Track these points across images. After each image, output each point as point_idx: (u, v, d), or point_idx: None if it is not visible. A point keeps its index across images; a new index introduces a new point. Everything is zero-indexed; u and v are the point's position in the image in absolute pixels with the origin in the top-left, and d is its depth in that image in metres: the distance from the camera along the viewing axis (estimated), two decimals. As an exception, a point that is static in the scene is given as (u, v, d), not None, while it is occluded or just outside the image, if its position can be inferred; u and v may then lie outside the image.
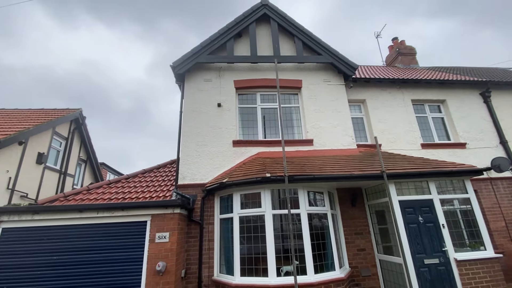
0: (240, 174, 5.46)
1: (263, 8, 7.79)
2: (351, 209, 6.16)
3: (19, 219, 4.69)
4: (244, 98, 7.33)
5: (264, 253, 4.94)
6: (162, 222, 4.86)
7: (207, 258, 5.58)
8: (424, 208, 5.34)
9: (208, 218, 5.88)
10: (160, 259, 4.62)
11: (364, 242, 5.96)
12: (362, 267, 5.77)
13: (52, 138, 9.52)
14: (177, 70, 6.86)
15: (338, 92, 7.36)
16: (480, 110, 8.20)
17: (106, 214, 4.80)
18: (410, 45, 12.14)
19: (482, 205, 6.89)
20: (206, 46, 7.16)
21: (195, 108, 6.85)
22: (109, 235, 4.77)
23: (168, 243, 4.73)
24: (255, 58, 7.29)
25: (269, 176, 4.95)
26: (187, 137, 6.56)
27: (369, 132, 7.74)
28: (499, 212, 6.97)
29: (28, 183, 8.33)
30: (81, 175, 11.62)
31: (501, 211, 6.99)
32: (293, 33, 7.66)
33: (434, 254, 5.04)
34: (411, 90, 8.20)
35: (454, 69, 10.36)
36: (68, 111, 10.36)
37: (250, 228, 5.25)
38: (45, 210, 4.70)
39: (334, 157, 6.28)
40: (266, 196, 5.22)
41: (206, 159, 6.40)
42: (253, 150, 6.58)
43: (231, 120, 6.81)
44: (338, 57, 7.34)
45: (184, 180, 6.17)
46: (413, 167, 5.51)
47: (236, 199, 5.45)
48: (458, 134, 7.84)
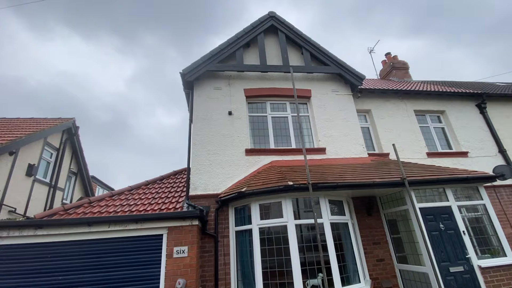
0: (258, 183, 5.26)
1: (271, 19, 7.91)
2: (367, 218, 6.06)
3: (20, 234, 4.19)
4: (254, 107, 7.24)
5: (287, 266, 4.68)
6: (179, 235, 4.52)
7: (223, 274, 5.22)
8: (444, 215, 5.34)
9: (222, 231, 5.56)
10: (179, 276, 4.25)
11: (383, 252, 5.83)
12: (383, 278, 5.60)
13: (43, 149, 8.92)
14: (187, 78, 6.71)
15: (346, 102, 7.45)
16: (477, 120, 8.56)
17: (118, 228, 4.40)
18: (403, 60, 12.73)
19: (489, 212, 7.02)
20: (216, 55, 7.10)
21: (205, 116, 6.66)
22: (121, 251, 4.35)
23: (187, 258, 4.38)
24: (265, 67, 7.29)
25: (291, 184, 4.78)
26: (198, 146, 6.31)
27: (376, 141, 7.82)
28: (505, 219, 7.11)
29: (16, 197, 7.66)
30: (71, 189, 10.87)
31: (507, 218, 7.14)
32: (300, 44, 7.78)
33: (458, 262, 4.99)
34: (413, 101, 8.47)
35: (447, 83, 10.90)
36: (60, 121, 9.82)
37: (270, 240, 4.99)
38: (49, 225, 4.24)
39: (349, 165, 6.23)
40: (287, 205, 5.02)
41: (218, 169, 6.15)
42: (266, 159, 6.42)
43: (243, 129, 6.67)
44: (345, 67, 7.50)
45: (196, 191, 5.86)
46: (430, 174, 5.55)
47: (255, 210, 5.20)
48: (459, 143, 8.10)
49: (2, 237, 4.20)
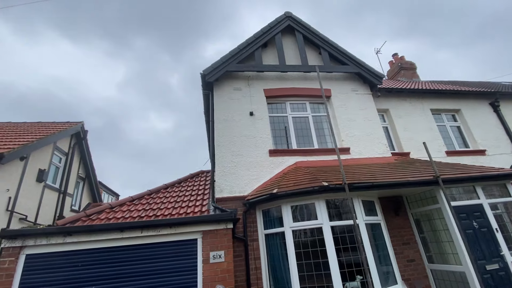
0: (289, 184, 5.13)
1: (287, 20, 7.86)
2: (395, 218, 5.98)
3: (48, 242, 3.98)
4: (274, 107, 7.14)
5: (324, 269, 4.55)
6: (215, 239, 4.36)
7: (255, 279, 5.05)
8: (476, 213, 5.28)
9: (251, 234, 5.40)
10: (216, 282, 4.08)
11: (413, 253, 5.74)
12: (414, 278, 5.50)
13: (53, 154, 8.66)
14: (208, 78, 6.58)
15: (366, 101, 7.41)
16: (492, 119, 8.61)
17: (151, 233, 4.22)
18: (410, 60, 12.81)
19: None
20: (235, 55, 6.99)
21: (227, 117, 6.53)
22: (155, 257, 4.16)
23: (224, 263, 4.21)
24: (284, 67, 7.22)
25: (327, 185, 4.67)
26: (221, 147, 6.17)
27: (395, 140, 7.79)
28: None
29: (27, 204, 7.40)
30: (79, 195, 10.57)
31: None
32: (318, 44, 7.74)
33: (493, 260, 4.93)
34: (429, 100, 8.48)
35: (458, 82, 10.99)
36: (69, 125, 9.57)
37: (304, 243, 4.86)
38: (80, 231, 4.04)
39: (375, 165, 6.16)
40: (321, 206, 4.91)
41: (243, 170, 6.01)
42: (290, 160, 6.31)
43: (265, 129, 6.55)
44: (364, 67, 7.47)
45: (222, 193, 5.70)
46: (461, 172, 5.51)
47: (287, 212, 5.07)
48: (476, 141, 8.12)
49: (28, 246, 3.98)
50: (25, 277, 3.85)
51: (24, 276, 3.84)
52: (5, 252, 3.89)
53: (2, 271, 3.79)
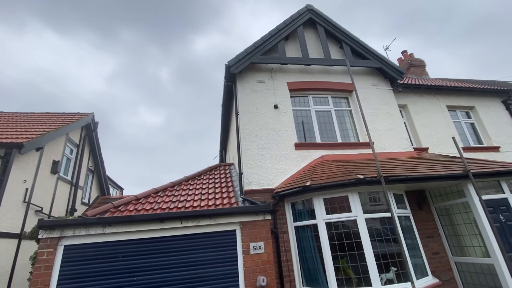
0: (322, 176, 5.13)
1: (308, 12, 7.79)
2: (418, 212, 6.05)
3: (87, 233, 3.88)
4: (297, 101, 7.10)
5: (359, 261, 4.59)
6: (253, 230, 4.33)
7: (286, 270, 5.06)
8: (502, 207, 5.39)
9: (281, 227, 5.40)
10: (258, 273, 4.06)
11: (437, 245, 5.83)
12: (439, 271, 5.60)
13: (66, 145, 8.45)
14: (233, 70, 6.49)
15: (387, 96, 7.44)
16: (504, 116, 8.78)
17: (190, 224, 4.16)
18: (419, 58, 12.92)
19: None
20: (259, 47, 6.90)
21: (252, 110, 6.47)
22: (194, 248, 4.11)
23: (264, 254, 4.20)
24: (308, 60, 7.17)
25: (363, 178, 4.68)
26: (247, 140, 6.12)
27: (414, 136, 7.86)
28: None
29: (42, 196, 7.23)
30: (89, 187, 10.37)
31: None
32: (339, 38, 7.70)
33: (520, 253, 5.05)
34: (445, 96, 8.58)
35: (470, 81, 11.13)
36: (80, 116, 9.34)
37: (337, 235, 4.88)
38: (120, 222, 3.95)
39: (400, 159, 6.21)
40: (355, 199, 4.92)
41: (270, 163, 5.98)
42: (316, 153, 6.30)
43: (289, 122, 6.52)
44: (386, 62, 7.48)
45: (251, 186, 5.67)
46: (487, 167, 5.60)
47: (319, 204, 5.07)
48: (490, 138, 8.27)
49: (66, 237, 3.88)
50: (64, 268, 3.75)
51: (64, 268, 3.74)
52: (42, 243, 3.78)
53: (41, 263, 3.68)
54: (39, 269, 3.65)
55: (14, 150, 5.94)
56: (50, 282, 3.61)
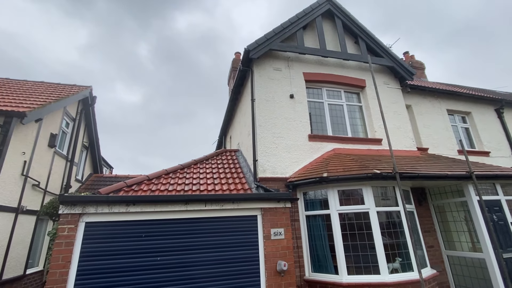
0: (338, 169, 5.26)
1: (327, 3, 7.71)
2: (418, 208, 6.41)
3: (110, 211, 3.77)
4: (311, 92, 7.13)
5: (368, 250, 4.84)
6: (274, 217, 4.41)
7: (296, 257, 5.23)
8: (496, 208, 5.84)
9: (293, 215, 5.52)
10: (278, 258, 4.18)
11: (432, 240, 6.26)
12: (433, 263, 6.03)
13: (63, 118, 8.01)
14: (252, 55, 6.35)
15: (396, 95, 7.65)
16: (496, 124, 9.34)
17: (214, 207, 4.16)
18: (419, 60, 13.27)
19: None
20: (278, 34, 6.79)
21: (268, 98, 6.42)
22: (218, 231, 4.14)
23: (284, 240, 4.31)
24: (325, 52, 7.16)
25: (379, 173, 4.86)
26: (263, 127, 6.10)
27: (415, 135, 8.18)
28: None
29: (39, 170, 6.90)
30: (83, 164, 9.97)
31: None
32: (356, 33, 7.73)
33: (508, 249, 5.54)
34: (446, 100, 8.95)
35: (467, 87, 11.64)
36: (78, 88, 8.82)
37: (348, 225, 5.09)
38: (145, 201, 3.87)
39: (406, 157, 6.49)
40: (368, 192, 5.12)
41: (284, 152, 6.04)
42: (328, 146, 6.43)
43: (304, 113, 6.56)
44: (399, 61, 7.64)
45: (265, 173, 5.71)
46: (485, 170, 5.99)
47: (334, 195, 5.23)
48: (482, 143, 8.81)
49: (88, 214, 3.76)
50: (86, 245, 3.65)
51: (85, 245, 3.64)
52: (63, 219, 3.64)
53: (62, 239, 3.56)
54: (60, 245, 3.53)
55: (14, 119, 5.54)
56: (71, 259, 3.52)
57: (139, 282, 3.65)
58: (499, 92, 12.42)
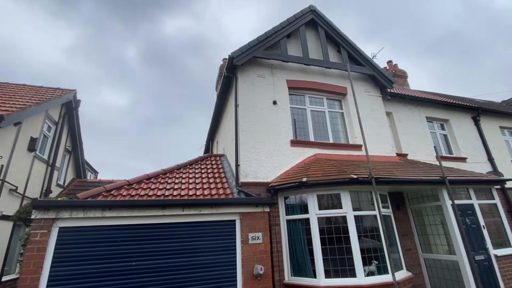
0: (318, 174, 5.39)
1: (311, 13, 7.95)
2: (396, 212, 6.59)
3: (85, 216, 3.75)
4: (294, 99, 7.29)
5: (345, 254, 4.94)
6: (253, 221, 4.47)
7: (276, 261, 5.29)
8: (468, 212, 6.08)
9: (274, 219, 5.60)
10: (255, 262, 4.23)
11: (410, 243, 6.44)
12: (410, 266, 6.19)
13: (44, 122, 7.89)
14: (236, 62, 6.47)
15: (376, 102, 7.90)
16: (473, 131, 9.73)
17: (192, 212, 4.19)
18: (402, 69, 13.74)
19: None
20: (262, 42, 6.95)
21: (251, 104, 6.53)
22: (195, 236, 4.17)
23: (262, 244, 4.37)
24: (308, 60, 7.36)
25: (356, 178, 5.01)
26: (246, 133, 6.19)
27: (396, 142, 8.45)
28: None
29: (17, 174, 6.76)
30: (65, 169, 9.78)
31: (496, 216, 8.34)
32: (338, 42, 7.98)
33: (480, 252, 5.77)
34: (425, 108, 9.29)
35: (445, 96, 12.11)
36: (61, 92, 8.72)
37: (327, 229, 5.19)
38: (121, 206, 3.87)
39: (386, 162, 6.69)
40: (346, 197, 5.26)
41: (266, 157, 6.13)
42: (309, 151, 6.56)
43: (287, 119, 6.70)
44: (379, 70, 7.92)
45: (247, 178, 5.78)
46: (459, 175, 6.25)
47: (313, 200, 5.34)
48: (460, 150, 9.15)
49: (62, 219, 3.72)
50: (59, 251, 3.61)
51: (58, 250, 3.60)
52: (35, 224, 3.60)
53: (33, 244, 3.51)
54: (31, 251, 3.48)
55: (-9, 122, 5.44)
56: (43, 264, 3.47)
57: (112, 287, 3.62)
58: (478, 100, 12.97)
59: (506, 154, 9.98)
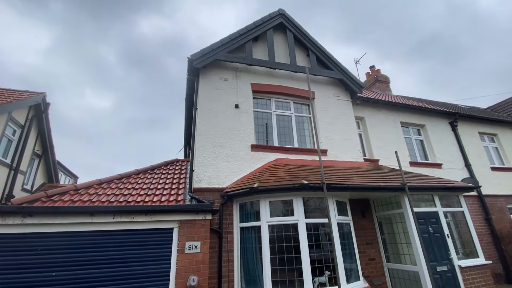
0: (270, 179, 5.19)
1: (280, 17, 7.87)
2: (361, 219, 6.38)
3: (3, 222, 3.54)
4: (259, 103, 7.13)
5: (295, 264, 4.71)
6: (192, 229, 4.26)
7: (226, 271, 5.05)
8: (432, 220, 5.86)
9: (227, 227, 5.38)
10: (191, 272, 4.00)
11: (374, 252, 6.19)
12: (373, 276, 5.95)
13: (7, 125, 7.71)
14: (195, 64, 6.34)
15: (346, 107, 7.75)
16: (449, 136, 9.56)
17: (124, 219, 3.98)
18: (385, 74, 13.67)
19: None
20: (226, 44, 6.83)
21: (211, 107, 6.38)
22: (127, 245, 3.95)
23: (200, 254, 4.15)
24: (274, 64, 7.23)
25: (307, 183, 4.81)
26: (203, 137, 6.02)
27: (367, 147, 8.28)
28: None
29: (-29, 179, 6.49)
30: (33, 173, 9.56)
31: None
32: (307, 46, 7.88)
33: (443, 262, 5.53)
34: (400, 113, 9.14)
35: (424, 100, 12.00)
36: (28, 94, 8.57)
37: (278, 238, 4.97)
38: (43, 212, 3.66)
39: (350, 168, 6.49)
40: (298, 204, 5.05)
41: (224, 162, 5.94)
42: (271, 156, 6.38)
43: (249, 123, 6.53)
44: (348, 74, 7.79)
45: (200, 184, 5.58)
46: (423, 181, 6.04)
47: (265, 206, 5.13)
48: (435, 155, 8.97)
49: (-22, 225, 3.51)
50: (-29, 259, 3.39)
51: (-30, 259, 3.38)
52: None
53: None
54: None
55: None
56: (-50, 275, 3.24)
57: (28, 300, 3.39)
58: (462, 106, 12.85)
59: (485, 160, 9.80)
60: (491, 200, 9.00)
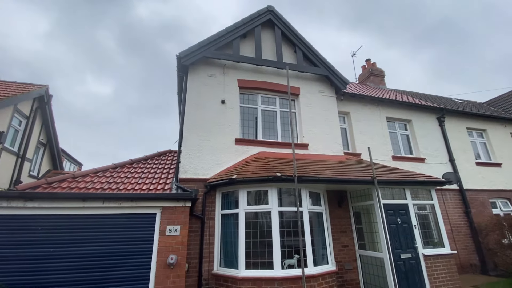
0: (248, 171, 5.66)
1: (269, 13, 8.09)
2: (337, 209, 6.83)
3: (8, 205, 4.13)
4: (246, 98, 7.51)
5: (268, 248, 5.23)
6: (173, 215, 4.79)
7: (207, 252, 5.63)
8: (402, 211, 6.28)
9: (209, 213, 5.92)
10: (170, 252, 4.56)
11: (348, 240, 6.68)
12: (345, 261, 6.46)
13: (13, 116, 8.31)
14: (183, 61, 6.72)
15: (329, 103, 8.06)
16: (436, 131, 9.80)
17: (112, 205, 4.54)
18: (380, 68, 13.74)
19: (435, 211, 8.29)
20: (214, 42, 7.16)
21: (199, 102, 6.80)
22: (115, 227, 4.52)
23: (179, 236, 4.69)
24: (260, 60, 7.54)
25: (279, 176, 5.26)
26: (190, 130, 6.48)
27: (351, 141, 8.63)
28: (446, 217, 8.47)
29: (-18, 166, 7.16)
30: (39, 161, 10.26)
31: (448, 217, 8.51)
32: (294, 43, 8.13)
33: (408, 250, 5.99)
34: (386, 108, 9.39)
35: (414, 94, 12.13)
36: (32, 87, 9.12)
37: (254, 224, 5.48)
38: (42, 197, 4.23)
39: (328, 161, 6.90)
40: (273, 194, 5.52)
41: (209, 155, 6.42)
42: (254, 149, 6.82)
43: (234, 118, 6.95)
44: (333, 71, 8.05)
45: (186, 174, 6.09)
46: (395, 175, 6.43)
47: (243, 196, 5.63)
48: (419, 150, 9.26)
49: (-13, 207, 4.11)
50: (-18, 235, 4.00)
51: (-20, 235, 3.99)
52: (-39, 211, 3.99)
53: (-43, 229, 3.91)
54: (-46, 235, 3.87)
55: None
56: (-35, 248, 3.86)
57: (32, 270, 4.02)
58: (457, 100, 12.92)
59: (471, 155, 10.04)
60: (472, 194, 9.32)
